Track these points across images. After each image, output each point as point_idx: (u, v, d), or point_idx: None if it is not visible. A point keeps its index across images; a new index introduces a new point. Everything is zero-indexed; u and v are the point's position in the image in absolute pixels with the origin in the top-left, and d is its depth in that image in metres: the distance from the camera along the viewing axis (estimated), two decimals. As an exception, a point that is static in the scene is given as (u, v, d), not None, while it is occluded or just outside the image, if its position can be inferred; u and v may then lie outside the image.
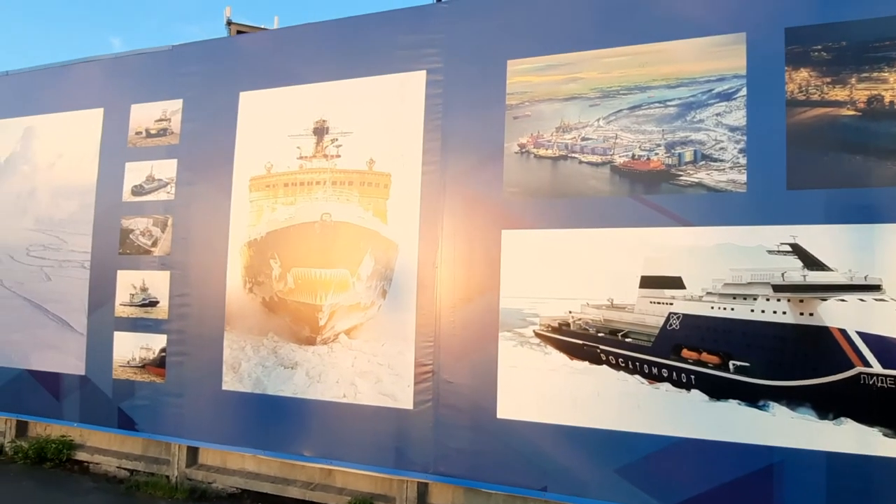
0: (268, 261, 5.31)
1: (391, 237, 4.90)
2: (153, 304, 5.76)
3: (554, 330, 4.36)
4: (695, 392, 3.99)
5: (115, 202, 6.04)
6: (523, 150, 4.58)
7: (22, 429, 6.61)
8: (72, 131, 6.36)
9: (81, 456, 6.16)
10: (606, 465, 4.17)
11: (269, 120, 5.45)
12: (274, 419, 5.18)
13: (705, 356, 3.98)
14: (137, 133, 6.02)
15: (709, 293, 3.99)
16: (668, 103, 4.23)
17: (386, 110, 5.03)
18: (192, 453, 5.73)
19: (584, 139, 4.42)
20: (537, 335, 4.40)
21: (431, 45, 4.93)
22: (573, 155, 4.44)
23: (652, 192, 4.19)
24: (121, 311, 5.89)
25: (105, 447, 6.18)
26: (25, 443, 6.31)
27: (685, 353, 4.03)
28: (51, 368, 6.21)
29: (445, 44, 4.89)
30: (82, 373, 6.04)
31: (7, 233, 6.57)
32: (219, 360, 5.44)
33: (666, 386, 4.07)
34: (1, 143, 6.72)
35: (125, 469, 5.94)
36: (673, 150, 4.17)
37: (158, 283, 5.76)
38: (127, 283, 5.89)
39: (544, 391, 4.35)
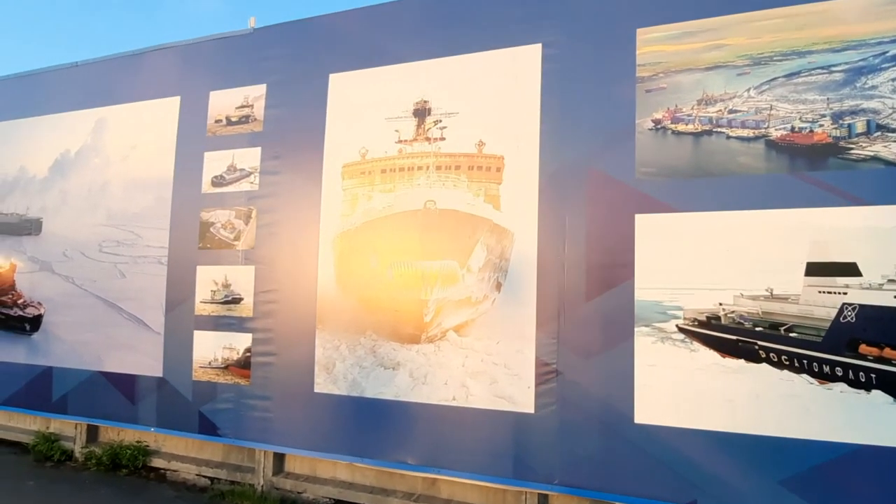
0: (364, 253, 4.92)
1: (506, 225, 4.49)
2: (236, 301, 5.41)
3: (701, 324, 3.90)
4: (876, 393, 3.51)
5: (193, 194, 5.72)
6: (658, 127, 4.14)
7: (92, 434, 6.30)
8: (146, 121, 6.07)
9: (158, 462, 5.82)
10: (768, 476, 3.69)
11: (363, 103, 5.09)
12: (372, 424, 4.78)
13: (888, 352, 3.49)
14: (217, 121, 5.70)
15: (890, 280, 3.51)
16: (833, 69, 3.76)
17: (496, 88, 4.64)
18: (279, 461, 5.35)
19: (731, 112, 3.97)
20: (681, 330, 3.94)
21: (548, 16, 4.53)
22: (719, 129, 3.99)
23: (817, 168, 3.73)
24: (201, 308, 5.55)
25: (182, 453, 5.84)
26: (98, 448, 5.99)
27: (863, 348, 3.55)
28: (125, 370, 5.89)
29: (564, 14, 4.49)
30: (159, 374, 5.71)
31: (78, 228, 6.29)
32: (310, 360, 5.06)
33: (840, 386, 3.58)
34: (71, 135, 6.47)
35: (205, 477, 5.58)
36: (841, 121, 3.70)
37: (242, 279, 5.41)
38: (208, 279, 5.56)
39: (691, 393, 3.89)
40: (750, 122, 3.92)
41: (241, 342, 5.38)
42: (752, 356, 3.80)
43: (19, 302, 6.56)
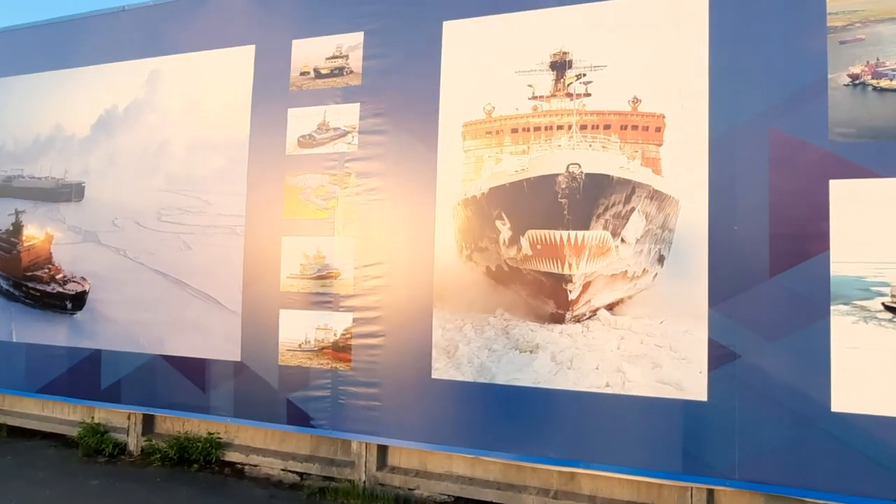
0: (493, 222, 4.38)
1: (669, 191, 4.00)
2: (332, 275, 4.80)
3: (913, 302, 3.50)
4: None
5: (276, 156, 5.05)
6: (857, 82, 3.69)
7: (148, 425, 5.61)
8: (212, 74, 5.34)
9: (233, 456, 5.22)
10: None
11: (487, 54, 4.51)
12: (504, 414, 4.29)
13: None
14: (303, 74, 5.02)
15: None
16: None
17: (653, 38, 4.12)
18: (381, 454, 4.79)
19: (948, 65, 3.54)
20: (888, 308, 3.54)
21: (719, -44, 4.00)
22: (933, 85, 3.55)
23: None
24: (289, 284, 4.92)
25: (260, 445, 5.24)
26: (162, 441, 5.33)
27: None
28: (194, 354, 5.23)
29: (740, -47, 3.96)
30: (237, 358, 5.08)
31: (131, 194, 5.55)
32: (426, 342, 4.51)
33: None
34: (118, 89, 5.69)
35: (292, 472, 5.00)
36: None
37: (339, 251, 4.80)
38: (296, 250, 4.93)
39: (900, 378, 3.49)
40: (972, 77, 3.49)
41: (338, 322, 4.78)
42: (975, 337, 3.41)
43: (58, 277, 5.79)
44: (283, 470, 5.04)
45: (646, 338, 4.00)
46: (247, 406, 5.07)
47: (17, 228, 6.03)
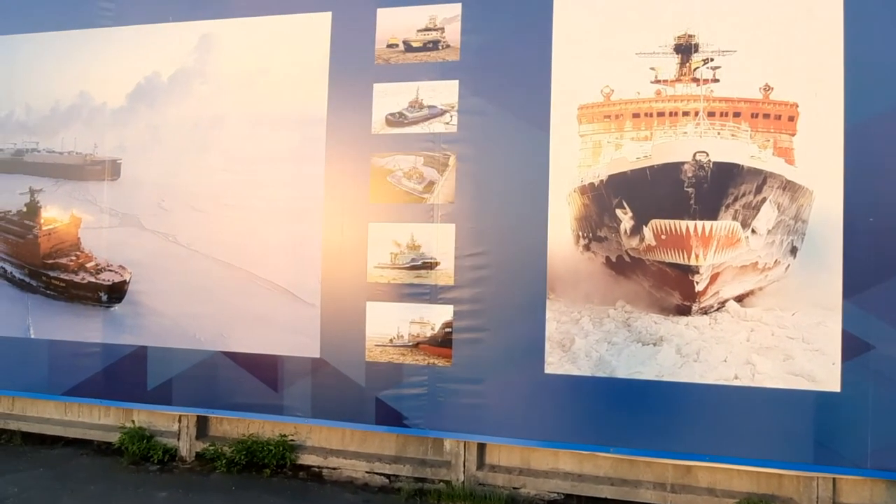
0: (612, 210, 4.22)
1: (802, 182, 3.96)
2: (428, 265, 4.50)
3: None
4: None
5: (359, 135, 4.66)
6: None
7: (201, 428, 5.14)
8: (280, 42, 4.86)
9: (308, 459, 4.86)
10: None
11: (605, 33, 4.31)
12: (626, 408, 4.17)
13: None
14: (390, 46, 4.64)
15: None
16: None
17: (785, 24, 4.03)
18: (479, 453, 4.58)
19: None
20: None
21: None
22: None
23: None
24: (377, 275, 4.58)
25: (338, 447, 4.90)
26: (226, 446, 4.88)
27: None
28: (263, 350, 4.81)
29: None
30: (315, 355, 4.70)
31: (180, 173, 4.99)
32: (538, 336, 4.33)
33: None
34: (161, 55, 5.08)
35: (379, 474, 4.70)
36: None
37: (436, 239, 4.50)
38: (385, 238, 4.58)
39: None
40: None
41: (436, 315, 4.50)
42: None
43: (88, 265, 5.16)
44: (368, 472, 4.73)
45: (777, 329, 3.97)
46: (327, 405, 4.71)
47: (33, 210, 5.31)
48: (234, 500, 4.34)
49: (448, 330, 4.46)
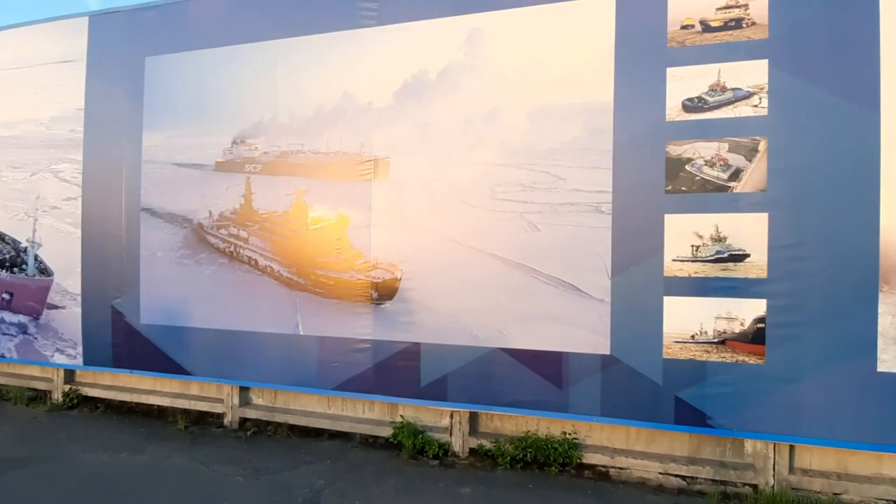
0: (966, 195, 3.78)
1: None
2: (737, 257, 4.24)
3: None
4: None
5: (652, 122, 4.47)
6: None
7: (472, 423, 5.12)
8: (560, 30, 4.73)
9: (594, 459, 4.74)
10: None
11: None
12: None
13: None
14: (685, 27, 4.41)
15: None
16: None
17: None
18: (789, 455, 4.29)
19: None
20: None
21: None
22: None
23: None
24: (675, 268, 4.37)
25: (622, 446, 4.74)
26: (509, 443, 4.84)
27: None
28: (546, 347, 4.72)
29: None
30: (605, 352, 4.55)
31: (452, 169, 4.97)
32: (869, 332, 3.97)
33: None
34: (429, 51, 5.07)
35: (675, 476, 4.49)
36: None
37: (745, 230, 4.24)
38: (684, 230, 4.36)
39: None
40: None
41: (747, 310, 4.24)
42: None
43: (357, 264, 5.25)
44: (661, 473, 4.54)
45: None
46: (618, 404, 4.57)
47: (300, 210, 5.47)
48: (541, 499, 4.27)
49: (760, 326, 4.21)
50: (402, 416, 5.28)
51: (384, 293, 5.17)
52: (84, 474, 4.69)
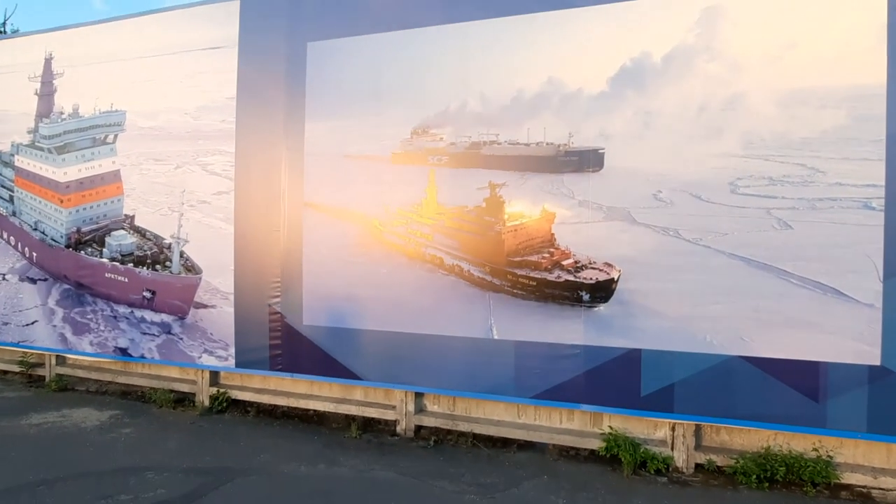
0: None
1: None
2: None
3: None
4: None
5: (935, 108, 3.96)
6: None
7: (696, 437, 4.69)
8: (816, 6, 4.23)
9: (853, 478, 4.34)
10: None
11: None
12: None
13: None
14: (976, 1, 3.88)
15: None
16: None
17: None
18: None
19: None
20: None
21: None
22: None
23: None
24: (965, 271, 3.88)
25: (882, 465, 4.29)
26: (750, 460, 4.41)
27: None
28: (799, 355, 4.28)
29: None
30: (875, 362, 4.10)
31: (681, 161, 4.55)
32: None
33: None
34: (652, 32, 4.63)
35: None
36: None
37: None
38: (976, 229, 3.86)
39: None
40: None
41: None
42: None
43: (565, 263, 4.84)
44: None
45: None
46: (890, 419, 4.10)
47: (495, 205, 5.07)
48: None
49: None
50: (610, 426, 4.87)
51: (598, 295, 4.76)
52: (302, 490, 4.36)
